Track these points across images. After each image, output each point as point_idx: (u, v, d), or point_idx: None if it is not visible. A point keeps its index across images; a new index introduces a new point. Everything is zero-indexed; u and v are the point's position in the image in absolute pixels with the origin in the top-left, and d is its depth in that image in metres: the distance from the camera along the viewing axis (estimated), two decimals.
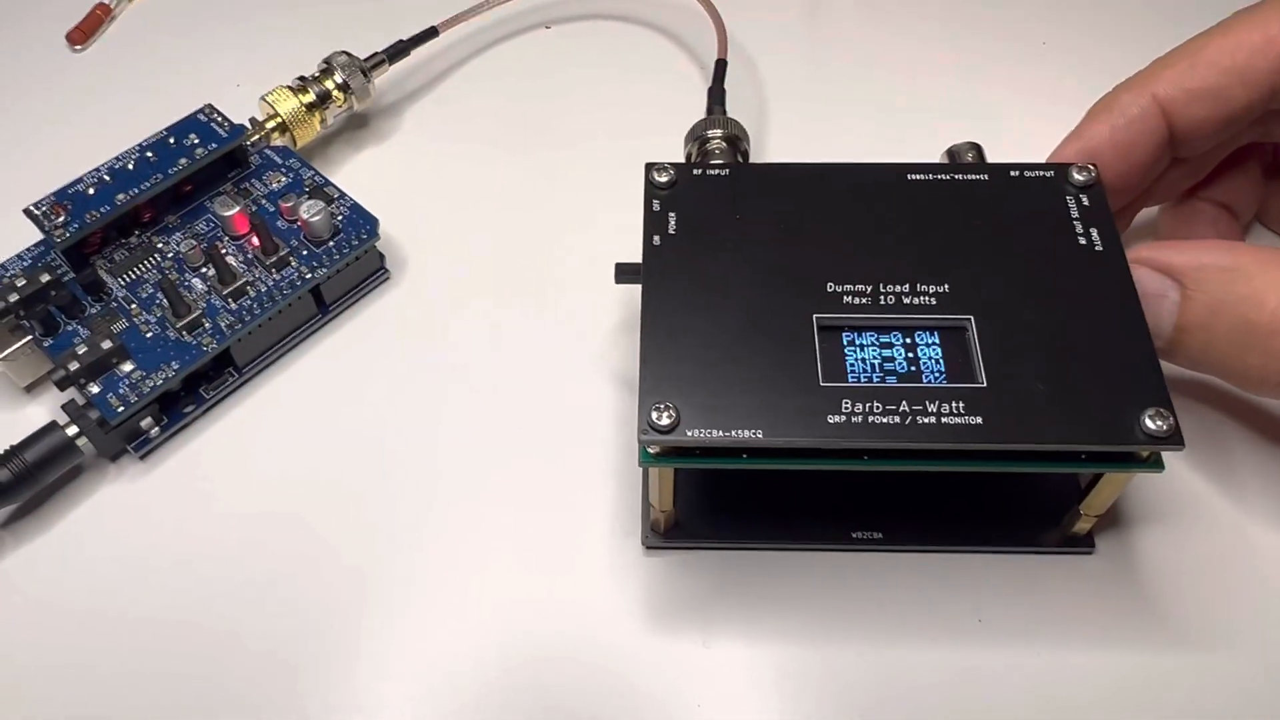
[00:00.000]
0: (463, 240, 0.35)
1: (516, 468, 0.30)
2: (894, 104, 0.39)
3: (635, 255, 0.34)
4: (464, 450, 0.31)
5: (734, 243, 0.27)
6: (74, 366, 0.28)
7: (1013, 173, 0.28)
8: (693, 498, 0.29)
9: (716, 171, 0.29)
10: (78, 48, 0.41)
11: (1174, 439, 0.24)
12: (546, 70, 0.40)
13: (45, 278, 0.29)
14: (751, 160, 0.33)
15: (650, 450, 0.25)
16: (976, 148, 0.31)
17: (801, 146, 0.38)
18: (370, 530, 0.29)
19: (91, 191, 0.31)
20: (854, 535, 0.28)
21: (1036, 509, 0.29)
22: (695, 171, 0.29)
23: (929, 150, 0.33)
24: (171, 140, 0.32)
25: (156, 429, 0.30)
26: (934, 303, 0.26)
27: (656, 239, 0.27)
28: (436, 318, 0.33)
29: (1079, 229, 0.27)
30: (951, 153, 0.32)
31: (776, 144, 0.38)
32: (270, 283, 0.31)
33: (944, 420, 0.24)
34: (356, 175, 0.37)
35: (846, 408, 0.24)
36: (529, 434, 0.31)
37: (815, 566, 0.28)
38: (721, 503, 0.29)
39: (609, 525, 0.29)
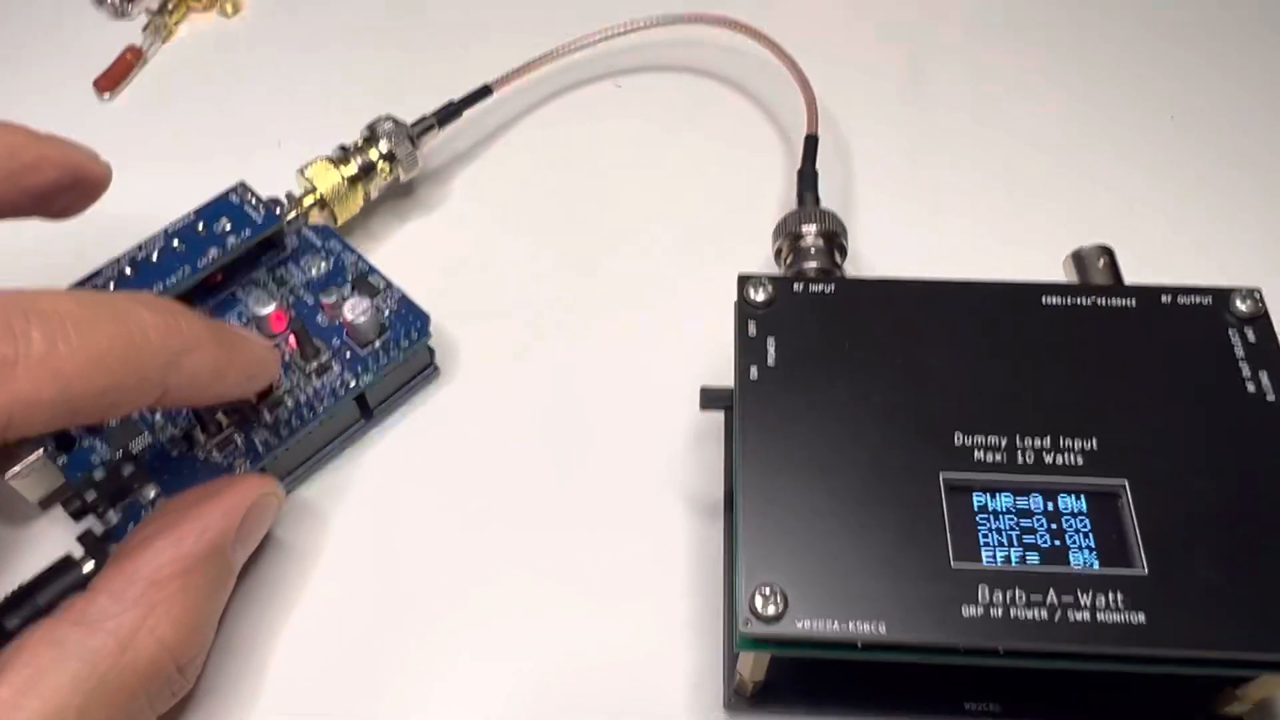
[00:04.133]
0: (518, 328, 0.32)
1: (577, 598, 0.27)
2: (1005, 186, 0.35)
3: (712, 351, 0.30)
4: (520, 575, 0.27)
5: (844, 379, 0.24)
6: (91, 496, 0.25)
7: (1164, 298, 0.25)
8: (783, 659, 0.26)
9: (820, 288, 0.25)
10: (106, 96, 0.38)
11: None
12: (613, 130, 0.37)
13: None
14: (847, 254, 0.30)
15: (750, 639, 0.21)
16: (1108, 252, 0.28)
17: (900, 237, 0.34)
18: (420, 667, 0.26)
19: (111, 287, 0.28)
20: (967, 707, 0.25)
21: (1180, 685, 0.25)
22: (796, 287, 0.25)
23: (1049, 246, 0.29)
24: (200, 226, 0.29)
25: None
26: (1080, 461, 0.22)
27: (754, 372, 0.24)
28: (487, 422, 0.30)
29: (1246, 372, 0.23)
30: (1079, 256, 0.28)
31: (869, 232, 0.34)
32: (310, 391, 0.28)
33: (1100, 617, 0.20)
34: (400, 251, 0.33)
35: (983, 597, 0.21)
36: (592, 560, 0.28)
37: None
38: (816, 665, 0.26)
39: (685, 678, 0.26)
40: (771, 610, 0.20)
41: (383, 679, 0.26)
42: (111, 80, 0.37)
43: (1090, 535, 0.22)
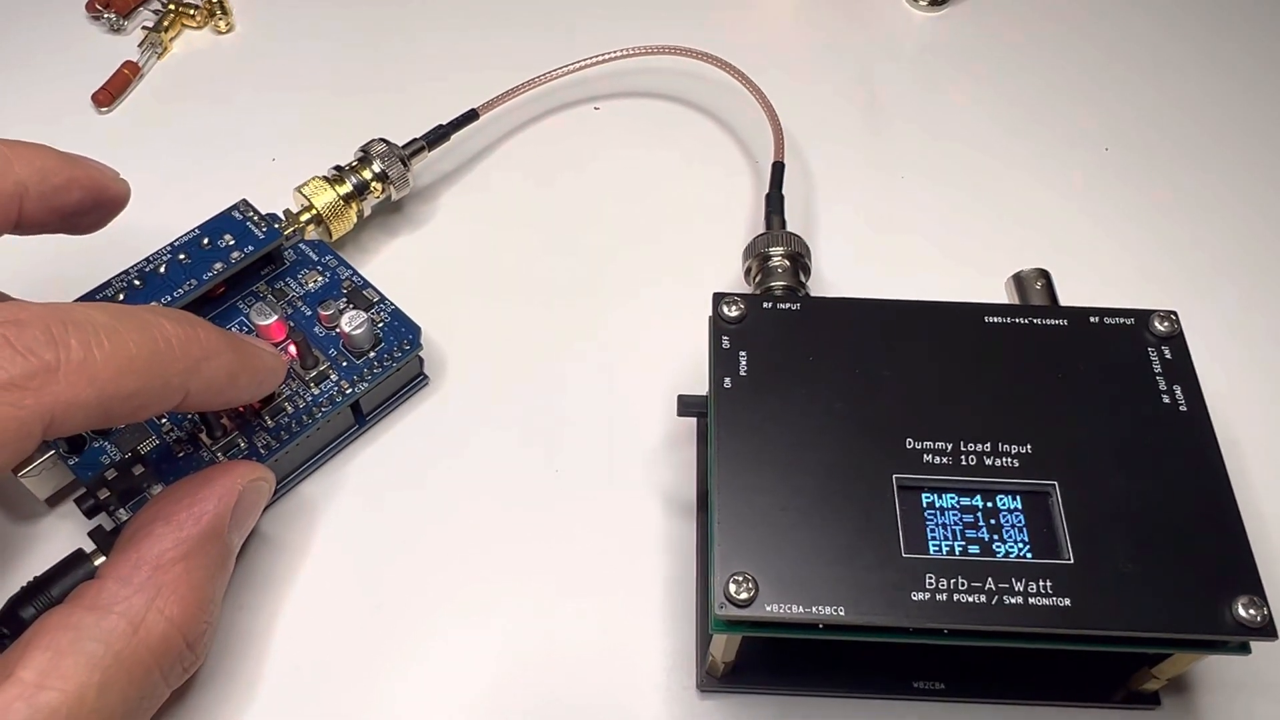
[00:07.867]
0: (502, 338, 0.34)
1: (559, 590, 0.29)
2: (954, 210, 0.38)
3: (685, 361, 0.33)
4: (504, 568, 0.29)
5: (808, 389, 0.26)
6: (104, 495, 0.27)
7: (1092, 318, 0.28)
8: (751, 643, 0.28)
9: (787, 305, 0.28)
10: (104, 110, 0.39)
11: (1267, 630, 0.23)
12: (593, 152, 0.39)
13: None
14: (810, 273, 0.32)
15: (724, 621, 0.23)
16: (1045, 275, 0.31)
17: (858, 255, 0.36)
18: (407, 656, 0.28)
19: (122, 298, 0.29)
20: (915, 685, 0.28)
21: (1102, 664, 0.28)
22: (765, 305, 0.28)
23: (994, 267, 0.32)
24: (205, 241, 0.31)
25: None
26: (1016, 465, 0.25)
27: (727, 382, 0.26)
28: (475, 426, 0.32)
29: (1162, 385, 0.26)
30: (1019, 279, 0.31)
31: (831, 250, 0.36)
32: (309, 398, 0.30)
33: (1031, 601, 0.23)
34: (390, 265, 0.35)
35: (930, 584, 0.23)
36: (574, 554, 0.30)
37: (876, 715, 0.27)
38: (780, 649, 0.28)
39: (660, 662, 0.28)
40: (744, 595, 0.23)
41: (372, 663, 0.28)
42: (109, 94, 0.39)
43: (1024, 530, 0.24)
